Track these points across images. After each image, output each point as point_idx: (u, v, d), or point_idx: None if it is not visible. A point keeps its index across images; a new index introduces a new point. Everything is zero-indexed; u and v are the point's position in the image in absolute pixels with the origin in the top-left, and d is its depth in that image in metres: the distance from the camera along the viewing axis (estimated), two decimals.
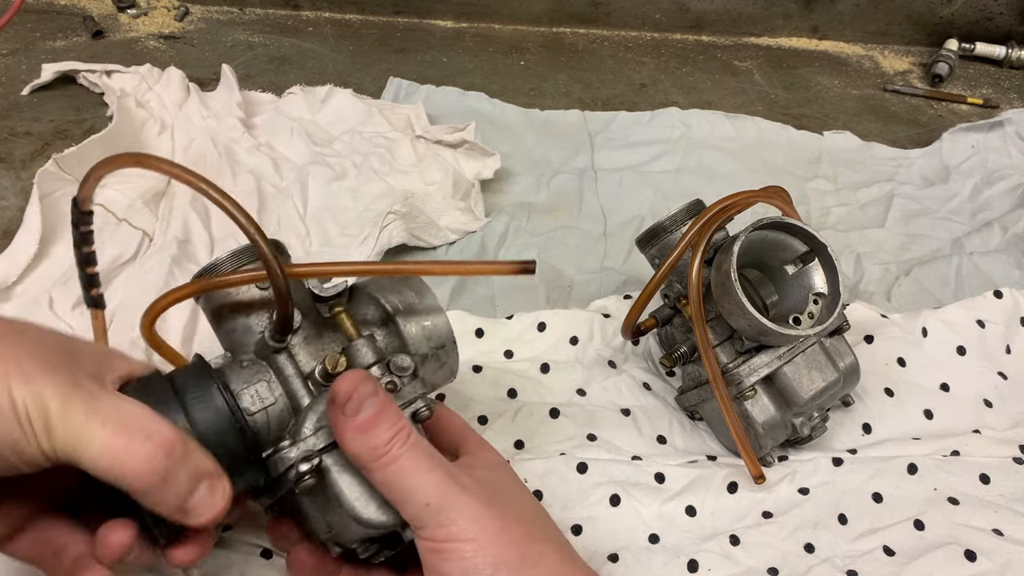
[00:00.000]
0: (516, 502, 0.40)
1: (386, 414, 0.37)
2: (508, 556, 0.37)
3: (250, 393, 0.39)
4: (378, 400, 0.37)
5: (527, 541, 0.38)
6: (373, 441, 0.36)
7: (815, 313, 0.52)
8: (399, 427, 0.37)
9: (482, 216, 0.77)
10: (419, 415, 0.41)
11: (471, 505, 0.37)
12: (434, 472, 0.37)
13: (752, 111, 0.97)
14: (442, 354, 0.45)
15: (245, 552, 0.47)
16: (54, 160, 0.68)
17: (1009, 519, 0.52)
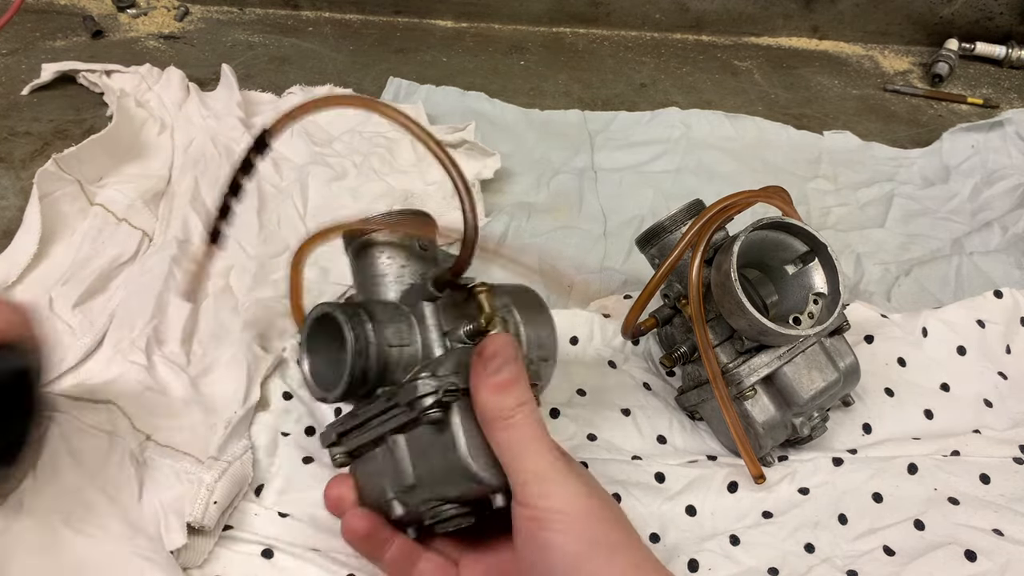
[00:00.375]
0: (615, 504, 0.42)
1: (520, 381, 0.39)
2: (600, 535, 0.38)
3: (394, 329, 0.43)
4: (516, 367, 0.39)
5: (617, 529, 0.39)
6: (505, 401, 0.38)
7: (815, 313, 0.52)
8: (527, 397, 0.39)
9: (482, 216, 0.77)
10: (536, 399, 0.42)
11: (575, 483, 0.38)
12: (546, 446, 0.39)
13: (752, 111, 0.97)
14: (543, 367, 0.47)
15: (245, 552, 0.47)
16: (54, 160, 0.68)
17: (1009, 519, 0.52)
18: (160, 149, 0.78)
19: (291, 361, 0.59)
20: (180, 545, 0.44)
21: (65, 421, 0.50)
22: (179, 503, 0.46)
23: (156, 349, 0.57)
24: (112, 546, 0.45)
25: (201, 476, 0.48)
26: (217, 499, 0.47)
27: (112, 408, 0.51)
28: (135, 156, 0.76)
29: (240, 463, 0.50)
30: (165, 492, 0.47)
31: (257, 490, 0.51)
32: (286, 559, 0.47)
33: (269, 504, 0.50)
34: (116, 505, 0.47)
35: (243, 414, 0.53)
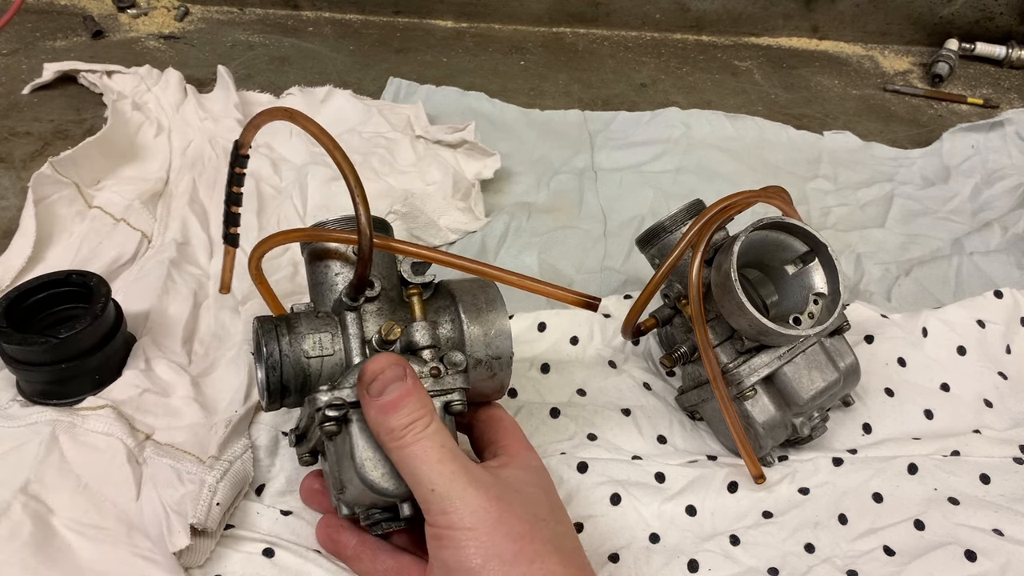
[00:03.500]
0: (530, 502, 0.41)
1: (409, 400, 0.39)
2: (502, 549, 0.37)
3: (313, 339, 0.44)
4: (404, 386, 0.40)
5: (527, 539, 0.38)
6: (391, 423, 0.39)
7: (815, 313, 0.52)
8: (420, 415, 0.39)
9: (482, 216, 0.77)
10: (452, 407, 0.43)
11: (475, 497, 0.38)
12: (445, 463, 0.39)
13: (752, 111, 0.97)
14: (495, 364, 0.47)
15: (247, 551, 0.47)
16: (50, 164, 0.68)
17: (1009, 519, 0.52)
18: (158, 151, 0.78)
19: None
20: (183, 546, 0.44)
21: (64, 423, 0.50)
22: (181, 504, 0.46)
23: (156, 350, 0.57)
24: (112, 547, 0.45)
25: (203, 477, 0.48)
26: (219, 500, 0.47)
27: (112, 409, 0.51)
28: (132, 158, 0.76)
29: (241, 462, 0.50)
30: (166, 492, 0.47)
31: (258, 489, 0.51)
32: (287, 558, 0.47)
33: (270, 503, 0.50)
34: (116, 506, 0.47)
35: (243, 413, 0.53)
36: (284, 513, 0.50)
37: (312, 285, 0.48)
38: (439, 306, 0.47)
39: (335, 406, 0.41)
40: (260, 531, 0.49)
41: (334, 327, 0.45)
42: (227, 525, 0.48)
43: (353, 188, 0.42)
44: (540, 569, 0.38)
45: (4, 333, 0.50)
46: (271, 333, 0.44)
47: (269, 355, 0.43)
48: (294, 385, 0.44)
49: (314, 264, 0.47)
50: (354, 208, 0.42)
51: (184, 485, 0.47)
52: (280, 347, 0.43)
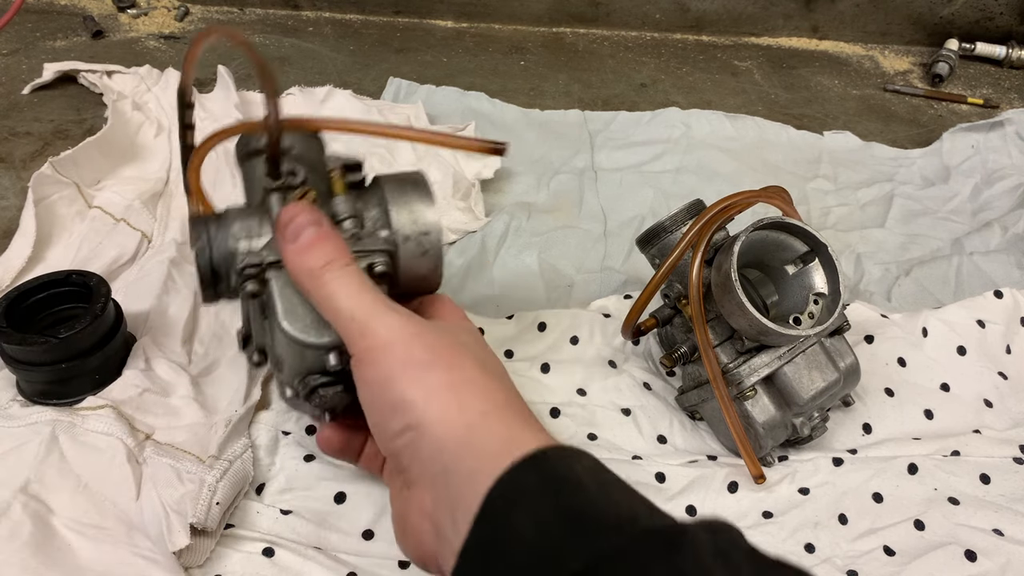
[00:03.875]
0: (452, 332, 0.41)
1: (324, 241, 0.40)
2: (418, 355, 0.37)
3: (240, 223, 0.44)
4: (320, 230, 0.40)
5: (446, 349, 0.38)
6: (308, 263, 0.40)
7: (815, 313, 0.52)
8: (336, 255, 0.40)
9: (482, 216, 0.77)
10: (375, 268, 0.44)
11: (394, 318, 0.38)
12: (364, 293, 0.39)
13: (752, 111, 0.97)
14: (425, 240, 0.46)
15: (247, 551, 0.47)
16: (50, 163, 0.68)
17: (1009, 519, 0.52)
18: (158, 151, 0.78)
19: None
20: (183, 546, 0.44)
21: (64, 423, 0.50)
22: (181, 503, 0.46)
23: (156, 349, 0.57)
24: (112, 547, 0.45)
25: (203, 476, 0.48)
26: (219, 499, 0.47)
27: (112, 409, 0.51)
28: (132, 158, 0.76)
29: (241, 462, 0.50)
30: (166, 492, 0.47)
31: (259, 489, 0.51)
32: (287, 557, 0.47)
33: (270, 502, 0.50)
34: (116, 506, 0.47)
35: (243, 413, 0.53)
36: (284, 512, 0.50)
37: (245, 188, 0.48)
38: (368, 195, 0.48)
39: (252, 265, 0.42)
40: (260, 530, 0.49)
41: (262, 212, 0.45)
42: (227, 524, 0.48)
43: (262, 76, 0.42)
44: (459, 375, 0.37)
45: (4, 333, 0.50)
46: (199, 223, 0.45)
47: (197, 238, 0.44)
48: (224, 271, 0.44)
49: (244, 165, 0.48)
50: (262, 85, 0.42)
51: (184, 484, 0.47)
52: (208, 232, 0.44)
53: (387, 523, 0.50)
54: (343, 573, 0.47)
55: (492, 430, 0.35)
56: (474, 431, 0.35)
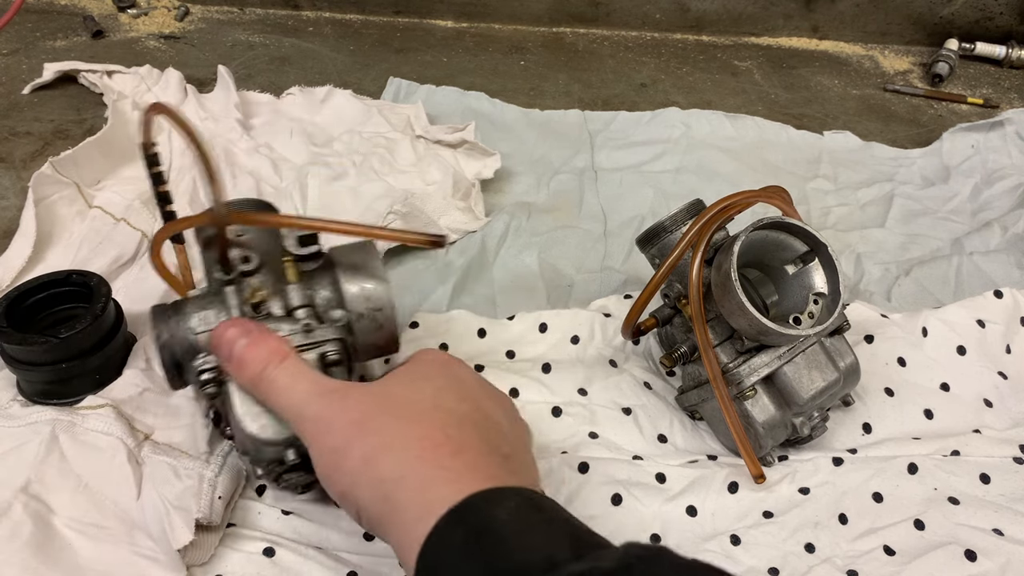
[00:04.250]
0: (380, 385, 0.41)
1: (254, 348, 0.42)
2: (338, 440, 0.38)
3: (199, 316, 0.46)
4: (249, 339, 0.42)
5: (368, 417, 0.39)
6: (248, 373, 0.42)
7: (815, 313, 0.52)
8: (269, 356, 0.42)
9: (482, 216, 0.77)
10: (327, 358, 0.45)
11: (317, 404, 0.40)
12: (297, 386, 0.41)
13: (752, 111, 0.97)
14: (379, 316, 0.49)
15: (247, 551, 0.47)
16: (50, 163, 0.68)
17: (1009, 519, 0.52)
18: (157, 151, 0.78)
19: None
20: (187, 542, 0.44)
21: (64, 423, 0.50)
22: (182, 499, 0.46)
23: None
24: (113, 546, 0.45)
25: (201, 472, 0.48)
26: (221, 494, 0.47)
27: (112, 408, 0.51)
28: (132, 158, 0.76)
29: (232, 457, 0.50)
30: (166, 489, 0.47)
31: (259, 489, 0.51)
32: (288, 557, 0.47)
33: (271, 502, 0.50)
34: (116, 506, 0.47)
35: None
36: (285, 513, 0.50)
37: (205, 271, 0.50)
38: (321, 273, 0.49)
39: (207, 369, 0.44)
40: (261, 530, 0.49)
41: (220, 303, 0.47)
42: (229, 523, 0.49)
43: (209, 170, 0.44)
44: (376, 443, 0.37)
45: (4, 333, 0.50)
46: (160, 316, 0.47)
47: (158, 336, 0.46)
48: (186, 361, 0.46)
49: (203, 251, 0.49)
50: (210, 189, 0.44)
51: (182, 481, 0.47)
52: (168, 327, 0.46)
53: None
54: (344, 573, 0.47)
55: (409, 496, 0.35)
56: (393, 502, 0.36)
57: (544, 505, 0.35)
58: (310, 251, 0.49)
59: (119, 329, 0.55)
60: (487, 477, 0.36)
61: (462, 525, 0.33)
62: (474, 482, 0.35)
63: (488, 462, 0.37)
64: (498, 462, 0.38)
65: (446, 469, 0.36)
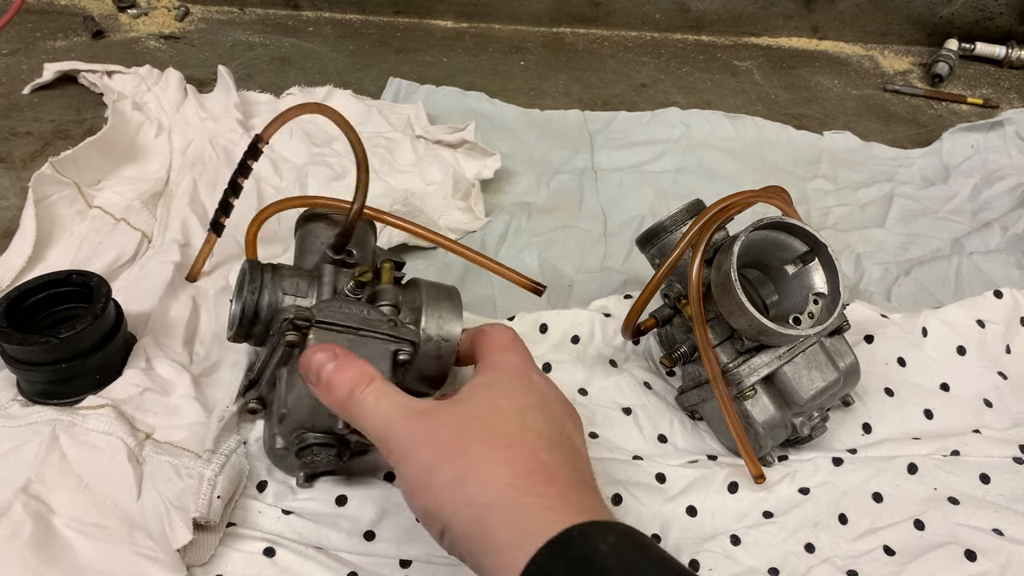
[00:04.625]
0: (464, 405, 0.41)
1: (341, 373, 0.42)
2: (427, 458, 0.39)
3: (293, 280, 0.49)
4: (337, 363, 0.43)
5: (452, 437, 0.39)
6: (336, 396, 0.42)
7: (815, 313, 0.52)
8: (357, 379, 0.42)
9: (482, 216, 0.77)
10: (398, 356, 0.47)
11: (403, 425, 0.40)
12: (381, 409, 0.41)
13: (752, 111, 0.97)
14: (443, 347, 0.49)
15: (247, 551, 0.47)
16: (50, 164, 0.68)
17: (1009, 519, 0.52)
18: (158, 151, 0.78)
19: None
20: (186, 542, 0.44)
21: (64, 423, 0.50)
22: (181, 498, 0.46)
23: (157, 349, 0.57)
24: (113, 546, 0.45)
25: (201, 471, 0.48)
26: (220, 493, 0.47)
27: (112, 408, 0.51)
28: (132, 158, 0.76)
29: (236, 456, 0.50)
30: (166, 488, 0.47)
31: (260, 488, 0.51)
32: (289, 557, 0.47)
33: (272, 502, 0.50)
34: (117, 506, 0.47)
35: (235, 410, 0.53)
36: (285, 513, 0.50)
37: (298, 249, 0.52)
38: (407, 292, 0.51)
39: (303, 319, 0.45)
40: (262, 530, 0.49)
41: (313, 278, 0.50)
42: (229, 523, 0.49)
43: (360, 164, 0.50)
44: (464, 465, 0.37)
45: (4, 333, 0.50)
46: (257, 269, 0.49)
47: (250, 286, 0.48)
48: (264, 317, 0.48)
49: (303, 230, 0.52)
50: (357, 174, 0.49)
51: (182, 480, 0.47)
52: (263, 279, 0.48)
53: (388, 524, 0.50)
54: (344, 573, 0.47)
55: (503, 522, 0.35)
56: (484, 526, 0.36)
57: (644, 542, 0.35)
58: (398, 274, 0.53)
59: (119, 329, 0.55)
60: (581, 509, 0.35)
61: (563, 559, 0.33)
62: (569, 514, 0.35)
63: (580, 493, 0.37)
64: (589, 495, 0.38)
65: (540, 497, 0.36)
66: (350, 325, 0.46)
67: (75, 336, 0.51)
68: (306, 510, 0.50)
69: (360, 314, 0.47)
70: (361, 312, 0.47)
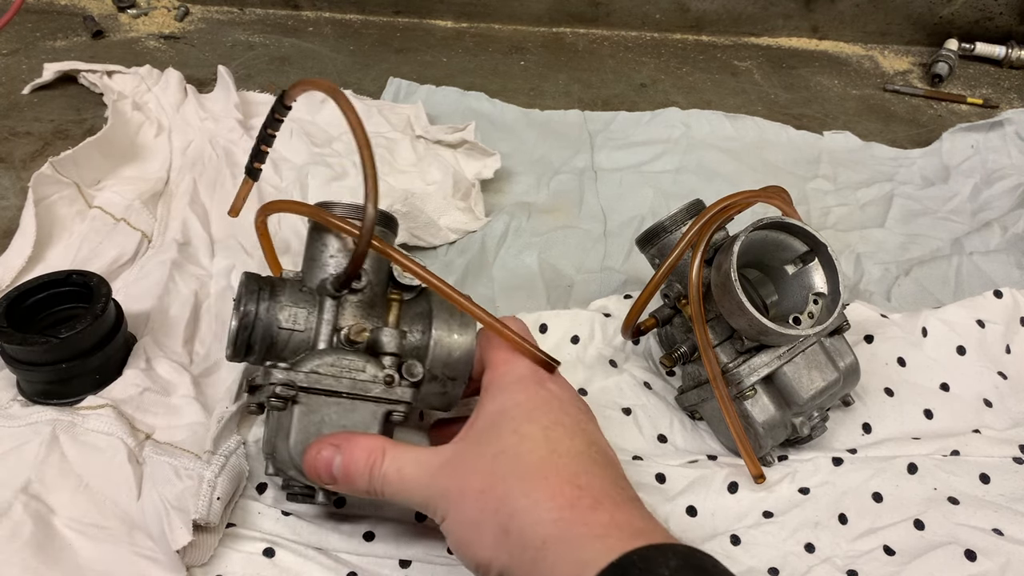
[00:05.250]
0: (488, 447, 0.40)
1: (352, 462, 0.42)
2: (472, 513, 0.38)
3: (290, 312, 0.46)
4: (342, 454, 0.42)
5: (488, 487, 0.38)
6: (360, 486, 0.42)
7: (815, 313, 0.52)
8: (369, 461, 0.42)
9: (482, 216, 0.77)
10: (392, 416, 0.46)
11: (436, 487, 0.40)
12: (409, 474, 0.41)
13: (752, 111, 0.97)
14: (449, 385, 0.48)
15: (247, 551, 0.47)
16: (50, 163, 0.68)
17: (1009, 519, 0.52)
18: (158, 151, 0.78)
19: None
20: (186, 543, 0.44)
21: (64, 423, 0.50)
22: (181, 499, 0.46)
23: (157, 349, 0.57)
24: (113, 546, 0.45)
25: (201, 472, 0.48)
26: (219, 495, 0.47)
27: (112, 408, 0.51)
28: (132, 158, 0.76)
29: (236, 457, 0.50)
30: (166, 489, 0.47)
31: (260, 489, 0.51)
32: (288, 557, 0.47)
33: (272, 503, 0.50)
34: (117, 506, 0.47)
35: (235, 410, 0.53)
36: (285, 514, 0.50)
37: (307, 257, 0.49)
38: (416, 313, 0.48)
39: (287, 385, 0.43)
40: (261, 530, 0.49)
41: (312, 306, 0.46)
42: (229, 523, 0.49)
43: (369, 184, 0.44)
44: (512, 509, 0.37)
45: (4, 333, 0.50)
46: (253, 294, 0.46)
47: (245, 314, 0.45)
48: (259, 347, 0.46)
49: (313, 236, 0.49)
50: (364, 205, 0.43)
51: (182, 480, 0.47)
52: (257, 309, 0.45)
53: (388, 524, 0.50)
54: (344, 573, 0.47)
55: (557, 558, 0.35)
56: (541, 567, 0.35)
57: (705, 565, 0.34)
58: (413, 284, 0.49)
59: (119, 329, 0.55)
60: (634, 533, 0.35)
61: None
62: (624, 538, 0.34)
63: (628, 512, 0.37)
64: (637, 510, 0.37)
65: (589, 525, 0.35)
66: (339, 391, 0.45)
67: (75, 336, 0.51)
68: (305, 511, 0.50)
69: (352, 373, 0.45)
70: (355, 369, 0.45)
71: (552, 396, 0.43)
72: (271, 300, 0.46)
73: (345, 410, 0.45)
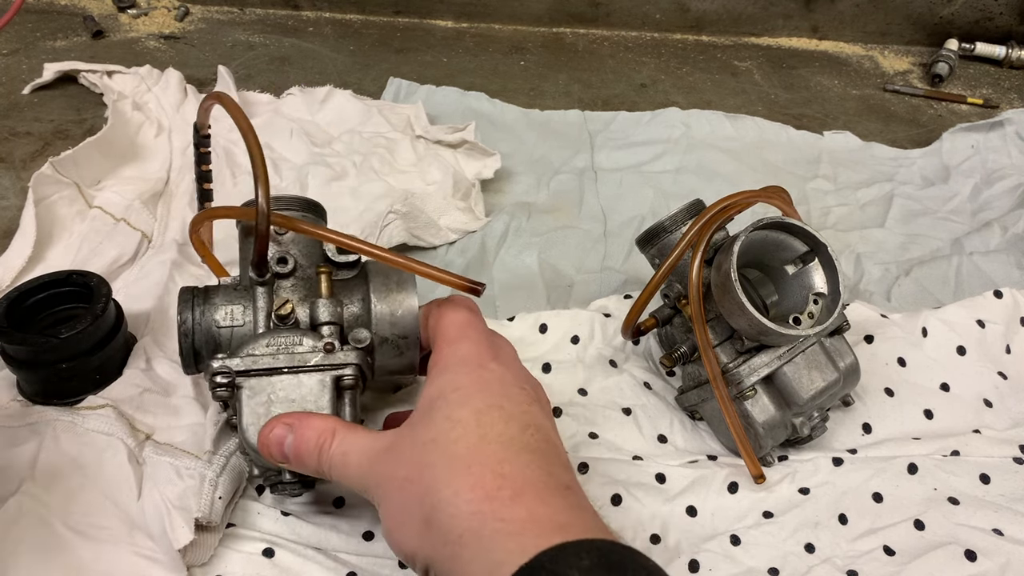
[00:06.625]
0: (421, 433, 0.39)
1: (303, 441, 0.42)
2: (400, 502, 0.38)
3: (225, 310, 0.47)
4: (294, 433, 0.42)
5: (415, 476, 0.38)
6: (308, 466, 0.42)
7: (815, 313, 0.52)
8: (320, 441, 0.42)
9: (482, 216, 0.77)
10: (343, 381, 0.45)
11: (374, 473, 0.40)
12: (353, 458, 0.41)
13: (752, 111, 0.97)
14: (402, 344, 0.48)
15: (247, 551, 0.47)
16: (50, 164, 0.68)
17: (1009, 519, 0.52)
18: (158, 151, 0.78)
19: None
20: (187, 542, 0.44)
21: (64, 423, 0.50)
22: (182, 499, 0.46)
23: (157, 350, 0.57)
24: (113, 546, 0.45)
25: (203, 472, 0.48)
26: (221, 494, 0.47)
27: (112, 408, 0.51)
28: (132, 158, 0.76)
29: (236, 457, 0.50)
30: (167, 489, 0.47)
31: (259, 489, 0.51)
32: (288, 557, 0.47)
33: (271, 503, 0.50)
34: (117, 506, 0.47)
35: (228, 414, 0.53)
36: (285, 514, 0.50)
37: (240, 259, 0.50)
38: (354, 285, 0.49)
39: (222, 373, 0.44)
40: (261, 531, 0.49)
41: (248, 300, 0.47)
42: (229, 524, 0.49)
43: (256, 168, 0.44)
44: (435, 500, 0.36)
45: (4, 333, 0.50)
46: (187, 303, 0.47)
47: (182, 322, 0.46)
48: (206, 351, 0.47)
49: (241, 237, 0.50)
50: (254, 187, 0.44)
51: (183, 480, 0.47)
52: (193, 316, 0.46)
53: None
54: (343, 573, 0.47)
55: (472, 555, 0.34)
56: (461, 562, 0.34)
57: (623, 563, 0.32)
58: (349, 260, 0.49)
59: (119, 329, 0.55)
60: (553, 528, 0.33)
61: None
62: (539, 536, 0.33)
63: (551, 505, 0.35)
64: (561, 501, 0.36)
65: (505, 521, 0.34)
66: (278, 367, 0.44)
67: (75, 336, 0.51)
68: (305, 511, 0.50)
69: (289, 348, 0.45)
70: (291, 344, 0.45)
71: (493, 378, 0.41)
72: (205, 304, 0.47)
73: (290, 385, 0.45)
